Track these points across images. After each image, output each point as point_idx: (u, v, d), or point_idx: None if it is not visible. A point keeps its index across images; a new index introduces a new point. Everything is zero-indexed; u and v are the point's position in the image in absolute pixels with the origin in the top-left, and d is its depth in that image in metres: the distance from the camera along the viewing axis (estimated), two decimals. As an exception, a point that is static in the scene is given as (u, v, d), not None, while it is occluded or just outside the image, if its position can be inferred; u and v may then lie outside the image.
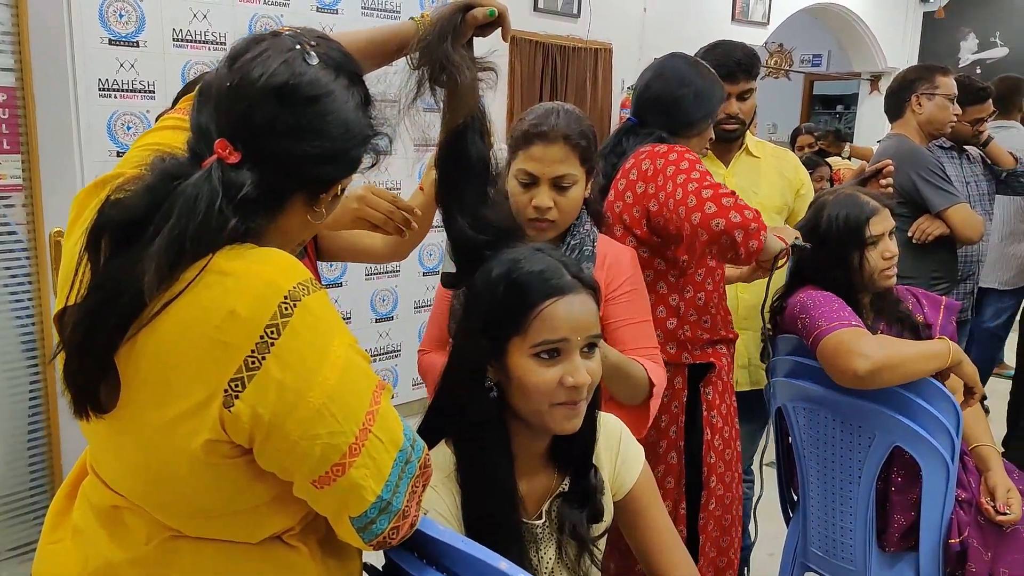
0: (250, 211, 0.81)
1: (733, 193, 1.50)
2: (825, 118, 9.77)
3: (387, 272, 3.79)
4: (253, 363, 0.75)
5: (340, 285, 3.61)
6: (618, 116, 4.73)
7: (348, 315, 3.65)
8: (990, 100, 2.93)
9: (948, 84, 2.62)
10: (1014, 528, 1.59)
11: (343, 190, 0.91)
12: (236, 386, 0.75)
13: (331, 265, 3.54)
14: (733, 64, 2.08)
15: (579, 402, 1.03)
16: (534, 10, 4.26)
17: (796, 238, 1.69)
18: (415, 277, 3.87)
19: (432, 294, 4.06)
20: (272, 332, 0.76)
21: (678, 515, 1.69)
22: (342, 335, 0.82)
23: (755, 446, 2.31)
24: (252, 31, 3.45)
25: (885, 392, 1.64)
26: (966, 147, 2.94)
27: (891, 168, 2.05)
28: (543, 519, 1.11)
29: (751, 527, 2.29)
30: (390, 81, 1.09)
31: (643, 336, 1.47)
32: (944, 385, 1.65)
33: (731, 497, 1.74)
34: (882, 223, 1.76)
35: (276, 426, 0.77)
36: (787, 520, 2.08)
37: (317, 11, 3.40)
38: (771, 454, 2.07)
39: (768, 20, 5.73)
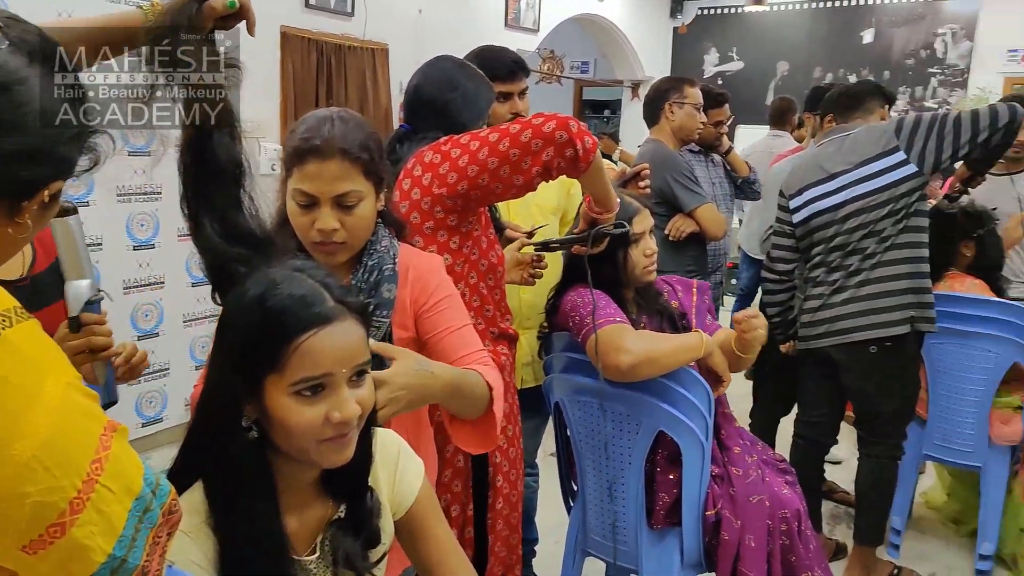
0: None
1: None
2: (595, 122, 10.43)
3: (149, 284, 3.49)
4: None
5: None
6: (398, 117, 4.72)
7: (107, 332, 3.31)
8: (727, 104, 3.29)
9: (695, 94, 2.89)
10: (759, 499, 1.79)
11: (54, 196, 0.78)
12: None
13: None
14: (510, 63, 2.12)
15: (348, 434, 0.96)
16: (305, 7, 4.13)
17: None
18: (183, 289, 3.60)
19: (204, 307, 3.83)
20: None
21: (466, 517, 1.69)
22: (58, 372, 0.70)
23: (538, 440, 2.42)
24: None
25: (648, 382, 1.78)
26: (712, 152, 3.28)
27: (648, 171, 2.23)
28: (317, 553, 1.04)
29: (535, 519, 2.43)
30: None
31: (469, 341, 1.39)
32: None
33: (517, 495, 1.77)
34: (643, 222, 1.90)
35: None
36: (568, 510, 2.19)
37: None
38: (550, 443, 2.18)
39: (538, 27, 5.99)
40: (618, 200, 1.73)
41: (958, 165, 2.64)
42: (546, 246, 1.90)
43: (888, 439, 2.47)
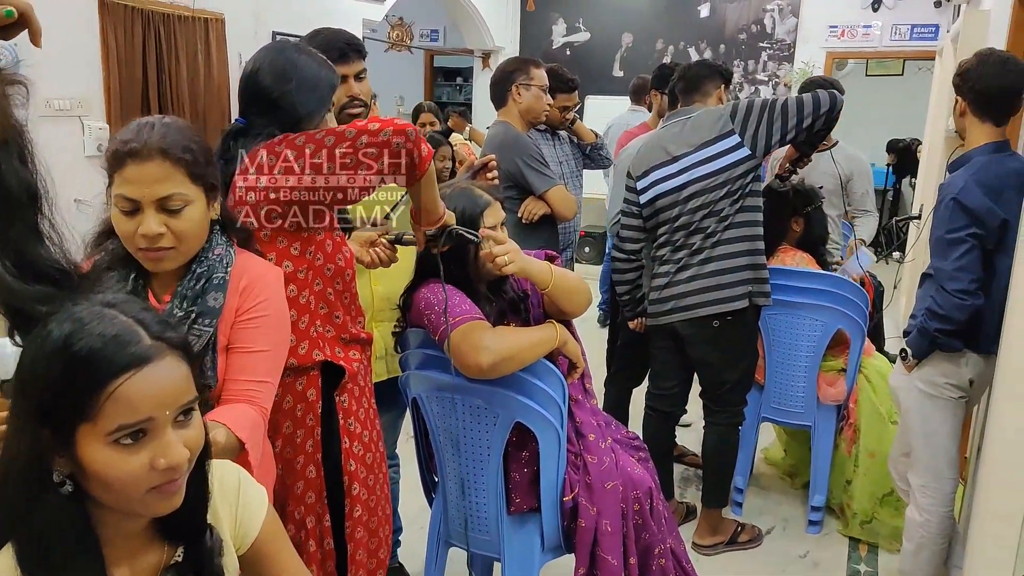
0: None
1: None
2: (448, 89, 10.32)
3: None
4: None
5: None
6: (237, 93, 4.45)
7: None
8: (576, 91, 3.33)
9: (541, 75, 2.88)
10: (613, 485, 1.85)
11: None
12: None
13: None
14: (343, 45, 2.01)
15: (177, 480, 0.89)
16: (125, -28, 3.78)
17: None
18: None
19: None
20: None
21: (323, 528, 1.64)
22: None
23: (397, 432, 2.39)
24: None
25: (505, 375, 1.79)
26: (557, 131, 3.31)
27: (495, 163, 2.22)
28: None
29: (399, 508, 2.41)
30: None
31: (252, 367, 1.34)
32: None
33: (376, 499, 1.74)
34: (494, 215, 1.89)
35: None
36: (429, 500, 2.18)
37: None
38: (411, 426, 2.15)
39: (384, -5, 5.82)
40: (445, 211, 1.69)
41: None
42: (399, 239, 1.86)
43: (731, 407, 2.64)
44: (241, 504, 1.08)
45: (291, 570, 1.11)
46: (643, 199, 2.59)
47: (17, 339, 0.97)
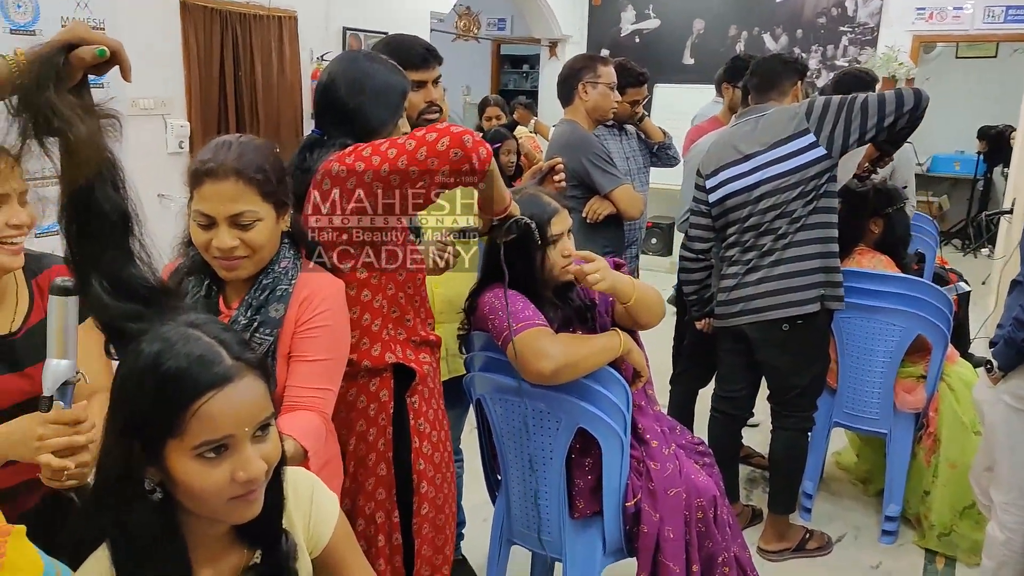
0: None
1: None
2: (515, 77, 10.30)
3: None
4: None
5: None
6: (310, 88, 4.54)
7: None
8: (645, 84, 3.27)
9: (608, 72, 2.84)
10: (676, 491, 1.83)
11: None
12: None
13: None
14: (424, 51, 2.06)
15: (256, 491, 0.96)
16: (204, -27, 3.90)
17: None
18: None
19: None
20: None
21: (392, 523, 1.69)
22: None
23: (460, 427, 2.42)
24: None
25: (569, 381, 1.79)
26: (625, 125, 3.26)
27: (562, 166, 2.20)
28: None
29: (462, 502, 2.44)
30: None
31: (317, 377, 1.41)
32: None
33: (443, 497, 1.77)
34: (561, 223, 1.88)
35: None
36: (492, 497, 2.20)
37: None
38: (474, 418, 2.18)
39: (453, -12, 5.83)
40: (511, 200, 1.69)
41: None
42: (463, 232, 1.86)
43: (799, 411, 2.57)
44: (314, 510, 1.14)
45: (360, 573, 1.16)
46: (712, 198, 2.54)
47: (112, 351, 1.04)
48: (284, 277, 1.42)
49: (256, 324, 1.38)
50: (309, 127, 4.96)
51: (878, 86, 3.41)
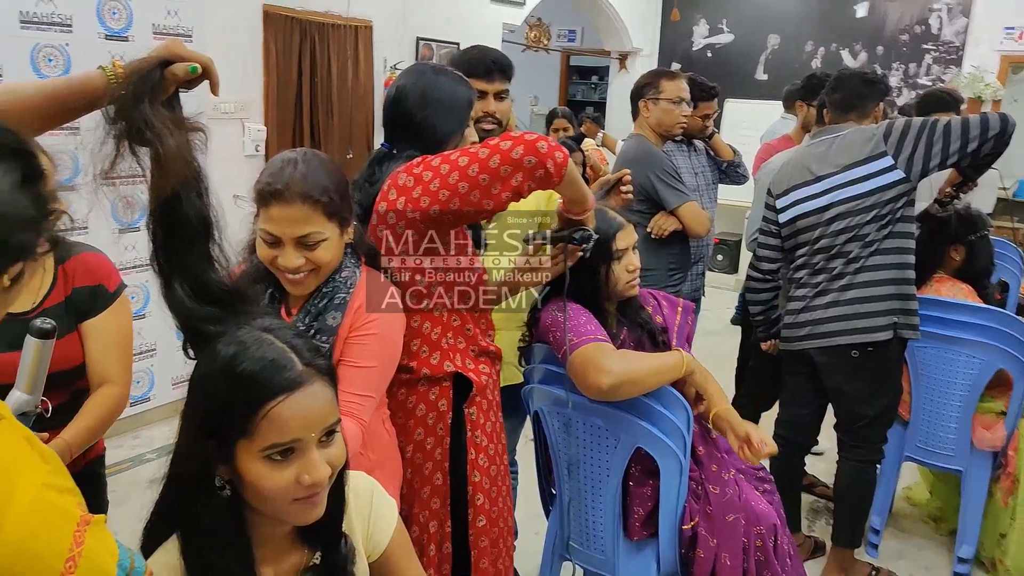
0: None
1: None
2: (583, 88, 10.28)
3: (135, 267, 3.44)
4: None
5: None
6: (382, 96, 4.63)
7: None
8: (716, 99, 3.22)
9: (672, 88, 2.78)
10: (735, 518, 1.79)
11: (15, 278, 0.78)
12: None
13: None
14: (490, 63, 2.09)
15: (319, 494, 0.98)
16: (288, -16, 4.02)
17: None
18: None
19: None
20: None
21: (444, 533, 1.70)
22: (31, 471, 0.71)
23: (516, 437, 2.41)
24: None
25: (628, 399, 1.77)
26: (694, 140, 3.21)
27: (629, 177, 2.18)
28: None
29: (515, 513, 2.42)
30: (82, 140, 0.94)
31: (360, 384, 1.42)
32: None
33: (499, 510, 1.77)
34: (627, 238, 1.87)
35: None
36: (546, 511, 2.18)
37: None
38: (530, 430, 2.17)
39: (524, 0, 5.86)
40: (594, 199, 1.69)
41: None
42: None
43: (868, 443, 2.47)
44: (373, 516, 1.16)
45: None
46: (782, 218, 2.48)
47: (190, 353, 1.08)
48: (343, 286, 1.45)
49: (313, 331, 1.41)
50: (380, 133, 5.06)
51: (963, 107, 3.28)
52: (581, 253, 1.72)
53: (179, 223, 1.02)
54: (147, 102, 0.97)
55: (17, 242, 0.76)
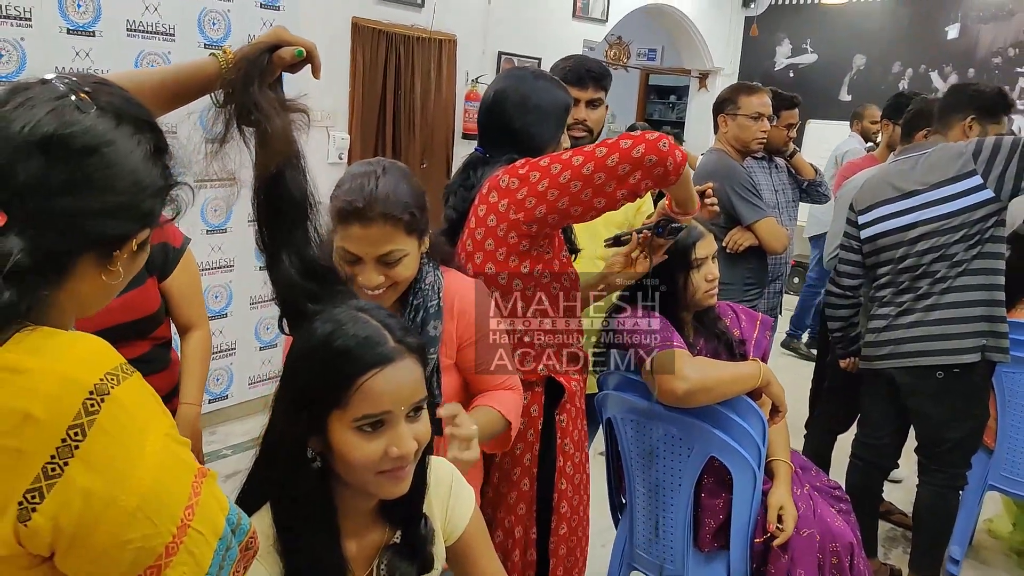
0: (28, 282, 0.73)
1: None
2: (660, 107, 10.24)
3: (220, 267, 3.61)
4: (53, 470, 0.69)
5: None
6: (462, 109, 4.73)
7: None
8: (797, 108, 3.18)
9: (750, 103, 2.77)
10: (810, 533, 1.77)
11: (142, 244, 0.84)
12: (33, 498, 0.68)
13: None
14: (584, 71, 2.12)
15: (406, 468, 1.01)
16: (377, -1, 4.16)
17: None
18: (250, 272, 3.70)
19: (269, 289, 3.99)
20: (76, 434, 0.69)
21: (528, 539, 1.70)
22: (158, 423, 0.77)
23: (588, 445, 2.42)
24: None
25: (703, 407, 1.77)
26: (775, 157, 3.19)
27: (711, 190, 2.19)
28: (373, 575, 1.10)
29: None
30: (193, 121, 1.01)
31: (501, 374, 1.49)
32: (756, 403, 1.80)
33: (578, 519, 1.77)
34: (707, 247, 1.88)
35: (82, 536, 0.70)
36: (615, 520, 2.19)
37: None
38: (601, 443, 2.18)
39: (607, 17, 5.90)
40: (699, 202, 1.70)
41: None
42: (617, 240, 1.85)
43: (951, 468, 2.40)
44: (452, 500, 1.19)
45: (491, 569, 1.20)
46: (864, 235, 2.44)
47: (285, 328, 1.13)
48: (432, 292, 1.42)
49: None
50: (460, 145, 5.14)
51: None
52: (669, 242, 1.73)
53: (285, 199, 1.06)
54: (256, 84, 1.02)
55: (148, 208, 0.82)
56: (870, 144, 4.78)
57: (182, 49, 3.26)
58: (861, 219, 2.46)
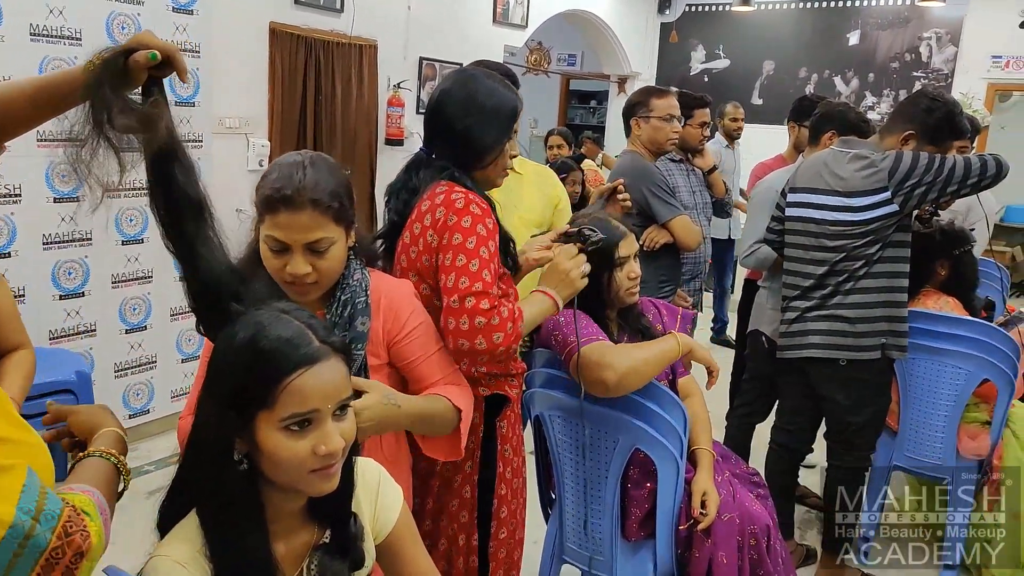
0: None
1: (490, 294, 1.45)
2: (581, 112, 10.43)
3: (137, 279, 3.49)
4: None
5: (81, 295, 3.27)
6: (385, 114, 4.72)
7: (94, 326, 3.33)
8: (708, 107, 3.29)
9: (662, 105, 2.84)
10: (730, 517, 1.84)
11: None
12: None
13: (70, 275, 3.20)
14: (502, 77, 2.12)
15: (334, 465, 1.02)
16: (295, 3, 4.12)
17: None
18: (170, 283, 3.60)
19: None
20: None
21: (471, 546, 1.70)
22: None
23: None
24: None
25: (626, 400, 1.82)
26: (693, 161, 3.30)
27: (623, 186, 2.25)
28: (303, 575, 1.10)
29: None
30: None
31: (443, 364, 1.47)
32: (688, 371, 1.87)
33: (515, 522, 1.79)
34: (629, 246, 1.93)
35: None
36: (545, 516, 2.23)
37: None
38: (530, 442, 2.21)
39: (527, 23, 5.99)
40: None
41: None
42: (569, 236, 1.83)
43: (857, 450, 2.54)
44: (380, 498, 1.20)
45: (422, 566, 1.21)
46: (789, 212, 2.53)
47: (202, 330, 1.11)
48: (360, 288, 1.41)
49: (348, 341, 1.37)
50: (383, 153, 5.11)
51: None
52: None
53: (180, 196, 1.04)
54: (107, 86, 1.00)
55: None
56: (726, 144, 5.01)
57: (90, 54, 3.15)
58: (790, 197, 2.53)
